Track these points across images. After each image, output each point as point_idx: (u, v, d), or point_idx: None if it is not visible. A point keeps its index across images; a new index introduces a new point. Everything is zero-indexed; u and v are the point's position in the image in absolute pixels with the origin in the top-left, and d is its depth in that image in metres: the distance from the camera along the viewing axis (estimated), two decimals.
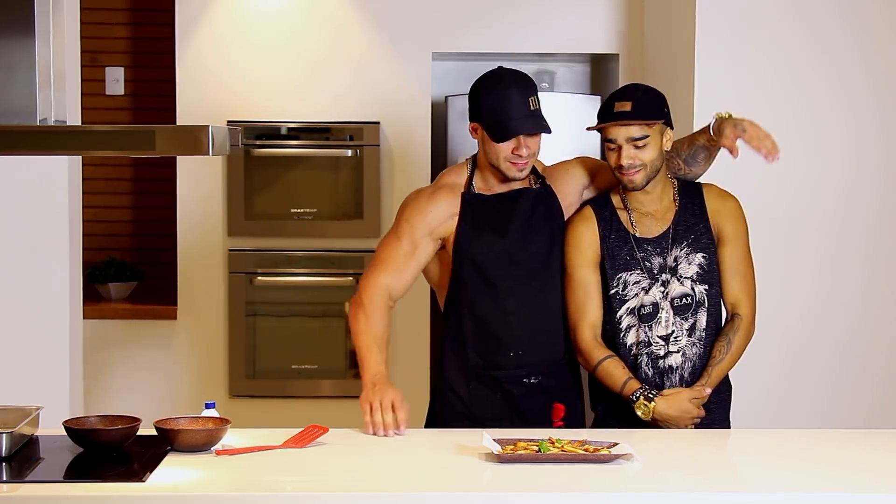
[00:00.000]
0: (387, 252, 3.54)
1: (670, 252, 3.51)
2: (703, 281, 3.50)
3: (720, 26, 4.70)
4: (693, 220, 3.54)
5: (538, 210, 3.56)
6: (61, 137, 2.94)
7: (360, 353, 3.44)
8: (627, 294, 3.51)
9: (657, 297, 3.49)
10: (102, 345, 5.58)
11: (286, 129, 5.64)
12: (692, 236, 3.52)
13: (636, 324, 3.50)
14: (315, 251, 5.57)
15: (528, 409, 3.53)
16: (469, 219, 3.53)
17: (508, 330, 3.52)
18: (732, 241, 3.54)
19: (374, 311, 3.47)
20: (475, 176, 3.58)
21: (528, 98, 3.46)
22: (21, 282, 4.31)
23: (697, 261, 3.51)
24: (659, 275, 3.50)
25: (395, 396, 3.30)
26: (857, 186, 4.79)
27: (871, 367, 4.82)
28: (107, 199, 6.18)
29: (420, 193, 3.60)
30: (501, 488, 2.81)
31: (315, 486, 2.88)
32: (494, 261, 3.52)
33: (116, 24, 6.16)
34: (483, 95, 3.49)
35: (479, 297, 3.53)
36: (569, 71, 6.24)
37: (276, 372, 5.65)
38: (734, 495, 2.80)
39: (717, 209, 3.55)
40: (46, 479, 2.83)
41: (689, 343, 3.50)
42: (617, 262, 3.52)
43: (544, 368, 3.55)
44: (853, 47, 4.73)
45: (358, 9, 5.63)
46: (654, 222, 3.54)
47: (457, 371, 3.56)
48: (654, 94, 3.53)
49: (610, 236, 3.54)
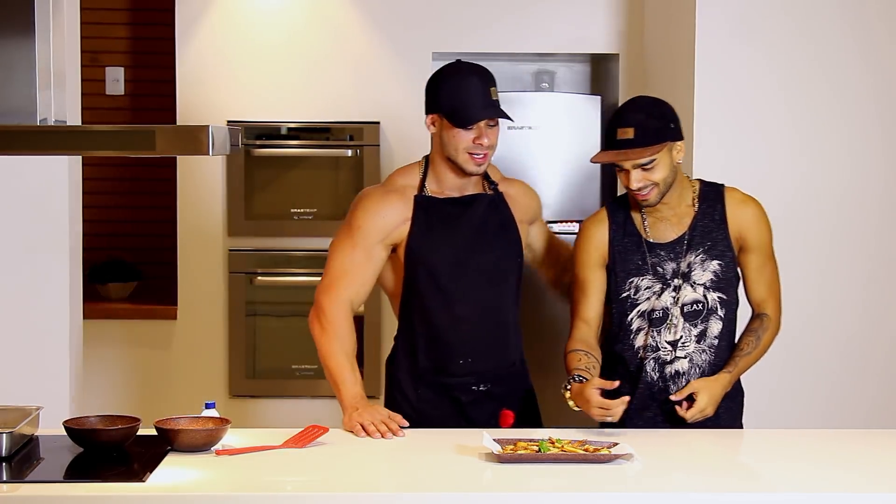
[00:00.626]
0: (343, 264, 3.48)
1: (684, 257, 3.48)
2: (717, 288, 3.48)
3: (720, 27, 4.70)
4: (711, 227, 3.51)
5: (492, 216, 3.53)
6: (61, 137, 2.94)
7: (332, 373, 3.42)
8: (639, 298, 3.49)
9: (668, 303, 3.47)
10: (102, 345, 5.58)
11: (286, 129, 5.64)
12: (709, 243, 3.49)
13: (645, 327, 3.48)
14: (315, 251, 5.56)
15: (476, 416, 3.50)
16: (421, 223, 3.48)
17: (459, 336, 3.49)
18: (756, 248, 3.53)
19: (340, 329, 3.44)
20: (428, 178, 3.52)
21: (488, 88, 3.45)
22: (21, 281, 4.31)
23: (713, 268, 3.48)
24: (671, 280, 3.48)
25: (381, 414, 3.29)
26: (857, 186, 4.79)
27: (871, 367, 4.82)
28: (107, 199, 6.18)
29: (371, 196, 3.53)
30: (501, 488, 2.81)
31: (315, 486, 2.88)
32: (446, 266, 3.48)
33: (116, 24, 6.16)
34: (443, 85, 3.45)
35: (430, 302, 3.50)
36: (569, 71, 6.24)
37: (276, 372, 5.65)
38: (734, 495, 2.80)
39: (738, 216, 3.51)
40: (46, 479, 2.83)
41: (698, 350, 3.47)
42: (629, 267, 3.50)
43: (494, 376, 3.53)
44: (853, 47, 4.72)
45: (358, 9, 5.63)
46: (670, 227, 3.52)
47: (407, 374, 3.53)
48: (658, 112, 3.46)
49: (622, 240, 3.52)
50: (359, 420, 3.26)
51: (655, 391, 3.48)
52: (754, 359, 3.52)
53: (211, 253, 5.64)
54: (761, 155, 4.71)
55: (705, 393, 3.38)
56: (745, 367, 3.51)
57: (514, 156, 5.69)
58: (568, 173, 5.72)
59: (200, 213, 5.64)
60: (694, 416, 3.37)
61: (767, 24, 4.72)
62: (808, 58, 4.73)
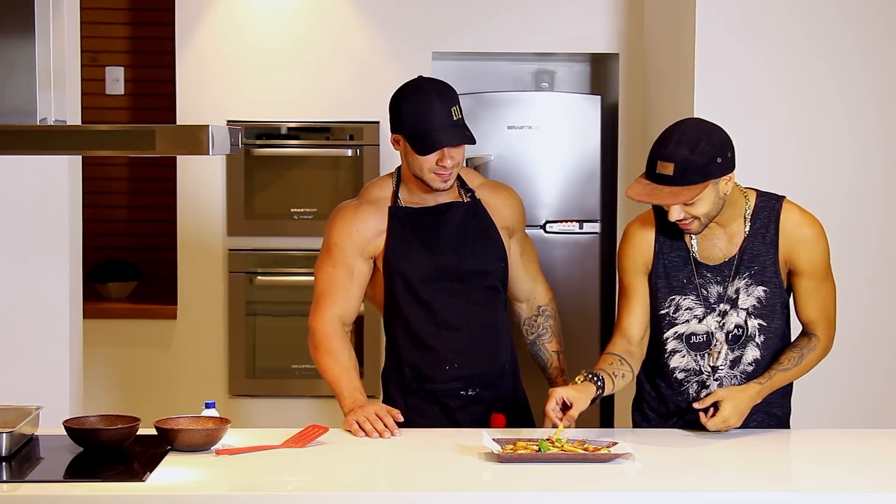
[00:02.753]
0: (326, 283, 3.48)
1: (731, 282, 3.29)
2: (758, 315, 3.30)
3: (720, 26, 4.70)
4: (761, 249, 3.28)
5: (470, 222, 3.50)
6: (61, 137, 2.93)
7: (332, 387, 3.43)
8: (678, 318, 3.33)
9: (712, 328, 3.31)
10: (102, 345, 5.58)
11: (286, 129, 5.64)
12: (756, 267, 3.28)
13: (682, 349, 3.35)
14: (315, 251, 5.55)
15: (466, 422, 3.48)
16: (397, 234, 3.47)
17: (443, 344, 3.47)
18: (808, 272, 3.30)
19: (333, 345, 3.44)
20: (401, 189, 3.50)
21: (450, 109, 3.36)
22: (21, 282, 4.31)
23: (757, 294, 3.29)
24: (716, 304, 3.30)
25: (377, 408, 3.30)
26: (857, 187, 4.79)
27: (872, 367, 4.82)
28: (107, 199, 6.18)
29: (344, 212, 3.52)
30: (501, 488, 2.81)
31: (315, 486, 2.88)
32: (424, 276, 3.46)
33: (116, 23, 6.16)
34: (404, 107, 3.38)
35: (411, 311, 3.48)
36: (569, 71, 6.24)
37: (276, 372, 5.65)
38: (734, 495, 2.80)
39: (792, 240, 3.28)
40: (46, 479, 2.82)
41: (730, 375, 3.33)
42: (672, 283, 3.32)
43: (482, 380, 3.51)
44: (853, 47, 4.73)
45: (358, 9, 5.63)
46: (719, 248, 3.30)
47: (395, 385, 3.53)
48: (705, 147, 3.12)
49: (668, 253, 3.32)
50: (354, 418, 3.27)
51: (687, 407, 3.38)
52: (792, 376, 3.35)
53: (211, 253, 5.64)
54: (761, 155, 4.71)
55: (730, 402, 3.24)
56: (781, 383, 3.34)
57: (514, 156, 5.70)
58: (568, 173, 5.72)
59: (200, 213, 5.65)
60: (717, 425, 3.25)
61: (767, 24, 4.72)
62: (808, 58, 4.73)
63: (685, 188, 3.10)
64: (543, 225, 5.73)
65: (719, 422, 3.24)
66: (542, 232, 5.71)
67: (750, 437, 3.31)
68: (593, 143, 5.69)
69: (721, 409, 3.24)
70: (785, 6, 4.71)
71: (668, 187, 3.11)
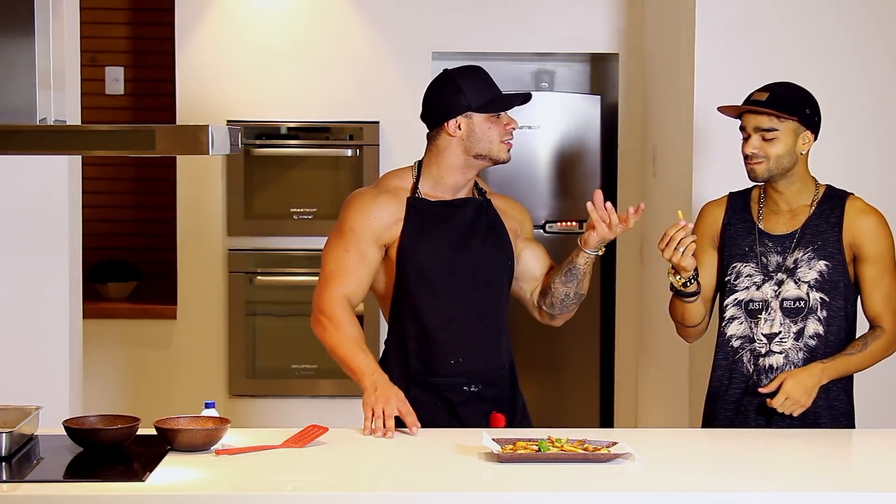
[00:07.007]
0: (336, 265, 3.47)
1: (791, 253, 3.45)
2: (821, 289, 3.43)
3: (720, 26, 4.70)
4: (824, 228, 3.45)
5: (481, 219, 3.54)
6: (61, 137, 2.94)
7: (346, 361, 3.40)
8: (738, 285, 3.48)
9: (768, 296, 3.45)
10: (102, 345, 5.58)
11: (286, 129, 5.64)
12: (819, 242, 3.44)
13: (741, 317, 3.49)
14: (315, 251, 5.55)
15: (467, 418, 3.48)
16: (414, 224, 3.48)
17: (450, 337, 3.48)
18: (873, 259, 3.44)
19: (342, 320, 3.42)
20: (421, 181, 3.53)
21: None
22: (21, 281, 4.31)
23: (819, 267, 3.43)
24: (774, 273, 3.46)
25: (398, 403, 3.29)
26: (856, 186, 4.77)
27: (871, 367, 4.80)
28: (107, 199, 6.18)
29: (363, 197, 3.53)
30: (501, 488, 2.81)
31: (315, 486, 2.88)
32: (437, 267, 3.47)
33: (116, 24, 6.17)
34: (465, 84, 3.47)
35: (421, 302, 3.48)
36: (569, 71, 6.25)
37: (276, 372, 5.65)
38: (734, 495, 2.80)
39: (855, 225, 3.45)
40: (46, 479, 2.83)
41: (795, 347, 3.44)
42: (735, 251, 3.50)
43: (485, 377, 3.52)
44: (851, 47, 4.72)
45: (358, 9, 5.63)
46: (783, 221, 3.49)
47: (398, 376, 3.52)
48: (799, 92, 3.48)
49: (735, 225, 3.52)
50: (373, 405, 3.26)
51: (749, 385, 3.46)
52: (857, 363, 3.44)
53: (211, 253, 5.64)
54: None
55: (791, 379, 3.35)
56: (844, 369, 3.42)
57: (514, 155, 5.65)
58: (568, 173, 5.73)
59: (200, 213, 5.65)
60: (780, 402, 3.34)
61: (767, 25, 4.72)
62: (806, 58, 4.73)
63: (774, 114, 3.38)
64: (543, 225, 5.73)
65: (782, 399, 3.35)
66: (542, 232, 5.71)
67: (749, 436, 3.31)
68: (593, 142, 5.70)
69: (783, 386, 3.35)
70: (784, 7, 4.71)
71: (759, 108, 3.39)
